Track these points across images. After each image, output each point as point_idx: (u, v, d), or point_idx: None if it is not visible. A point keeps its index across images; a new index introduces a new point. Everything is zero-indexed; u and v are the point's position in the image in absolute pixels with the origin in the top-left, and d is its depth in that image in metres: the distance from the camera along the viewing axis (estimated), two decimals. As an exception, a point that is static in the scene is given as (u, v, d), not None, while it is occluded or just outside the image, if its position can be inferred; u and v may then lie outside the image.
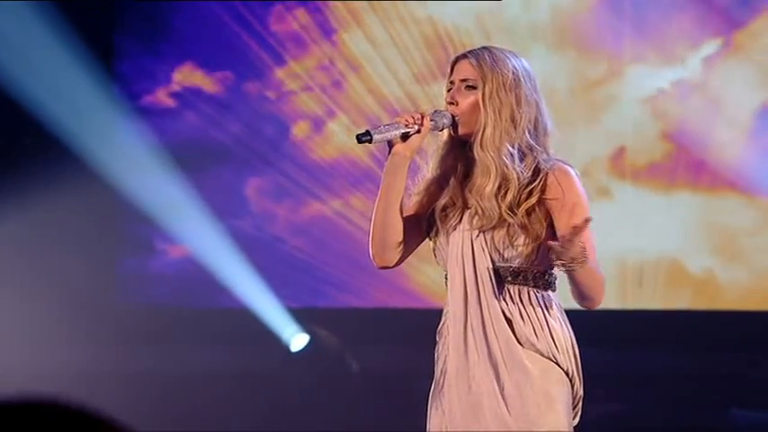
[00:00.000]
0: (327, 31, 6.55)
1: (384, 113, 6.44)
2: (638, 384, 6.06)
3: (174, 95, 6.67)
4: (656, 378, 6.03)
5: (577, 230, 2.87)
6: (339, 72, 6.53)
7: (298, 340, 6.40)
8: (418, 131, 3.06)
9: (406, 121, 3.05)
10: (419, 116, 3.06)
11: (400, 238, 3.15)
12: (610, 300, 3.22)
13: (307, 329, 6.39)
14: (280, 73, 6.59)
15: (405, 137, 3.06)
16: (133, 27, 6.65)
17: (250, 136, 6.58)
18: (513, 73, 3.10)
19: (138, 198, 6.46)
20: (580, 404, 3.12)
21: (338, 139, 6.53)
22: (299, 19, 6.58)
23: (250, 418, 6.18)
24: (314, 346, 6.37)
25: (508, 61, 3.12)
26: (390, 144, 3.08)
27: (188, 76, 6.67)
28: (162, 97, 6.68)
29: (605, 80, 6.22)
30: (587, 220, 2.91)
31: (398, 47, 6.47)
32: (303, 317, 6.40)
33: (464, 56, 3.15)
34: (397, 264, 3.21)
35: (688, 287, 6.09)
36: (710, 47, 6.13)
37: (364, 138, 3.03)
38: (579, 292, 3.01)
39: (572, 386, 3.09)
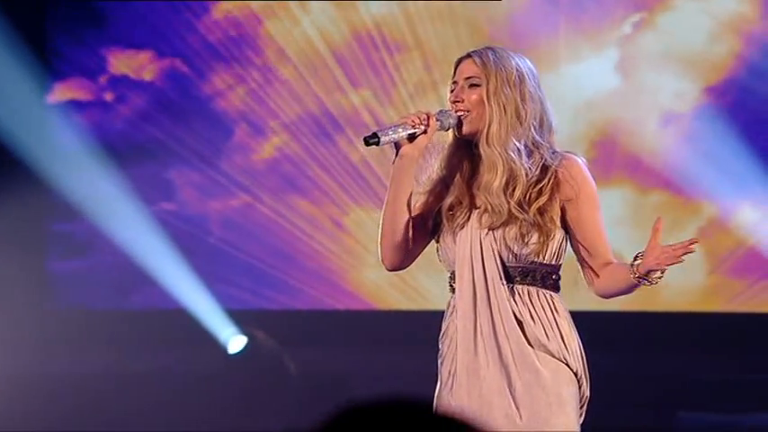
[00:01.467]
0: (255, 25, 6.50)
1: (322, 113, 6.41)
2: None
3: (108, 89, 6.59)
4: (601, 380, 6.05)
5: (684, 251, 2.93)
6: (273, 68, 6.49)
7: (235, 342, 6.36)
8: (424, 132, 3.07)
9: (413, 121, 3.06)
10: (425, 116, 3.07)
11: (409, 238, 3.15)
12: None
13: (244, 331, 6.35)
14: (218, 68, 6.54)
15: (411, 137, 3.07)
16: (66, 19, 6.55)
17: (187, 132, 6.52)
18: (517, 70, 3.13)
19: (70, 195, 6.37)
20: (585, 405, 3.16)
21: (279, 138, 6.50)
22: (233, 13, 6.52)
23: (187, 420, 6.13)
24: (252, 348, 6.33)
25: (511, 59, 3.15)
26: (397, 145, 3.09)
27: (122, 69, 6.59)
28: (95, 91, 6.59)
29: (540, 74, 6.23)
30: (694, 242, 2.95)
31: (327, 42, 6.44)
32: (241, 318, 6.36)
33: (467, 56, 3.16)
34: (406, 265, 3.21)
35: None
36: (634, 27, 6.18)
37: (372, 140, 3.03)
38: (615, 293, 3.12)
39: (579, 387, 3.12)
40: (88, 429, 6.01)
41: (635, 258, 3.01)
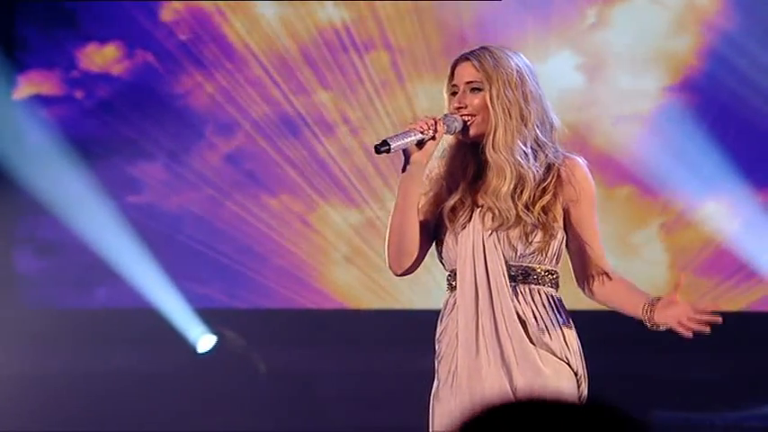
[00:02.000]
0: (222, 22, 6.48)
1: (289, 110, 6.40)
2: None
3: (75, 85, 6.55)
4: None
5: (708, 322, 3.00)
6: (242, 66, 6.47)
7: (205, 341, 6.34)
8: (433, 138, 3.07)
9: (421, 127, 3.05)
10: (432, 122, 3.06)
11: (417, 243, 3.15)
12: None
13: (214, 330, 6.34)
14: (186, 65, 6.51)
15: (420, 143, 3.07)
16: (34, 14, 6.51)
17: (155, 128, 6.49)
18: (517, 71, 3.11)
19: (38, 193, 6.33)
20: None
21: (246, 135, 6.48)
22: (201, 8, 6.50)
23: (156, 419, 6.11)
24: (221, 348, 6.31)
25: (510, 59, 3.13)
26: (405, 152, 3.08)
27: (89, 64, 6.55)
28: (63, 86, 6.55)
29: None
30: (712, 313, 3.02)
31: (295, 40, 6.43)
32: (210, 318, 6.34)
33: (465, 58, 3.14)
34: (414, 269, 3.21)
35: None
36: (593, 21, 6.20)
37: (383, 148, 3.02)
38: (610, 307, 3.22)
39: (579, 387, 3.13)
40: (56, 429, 5.98)
41: (652, 302, 3.06)
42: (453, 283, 3.14)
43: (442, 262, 3.19)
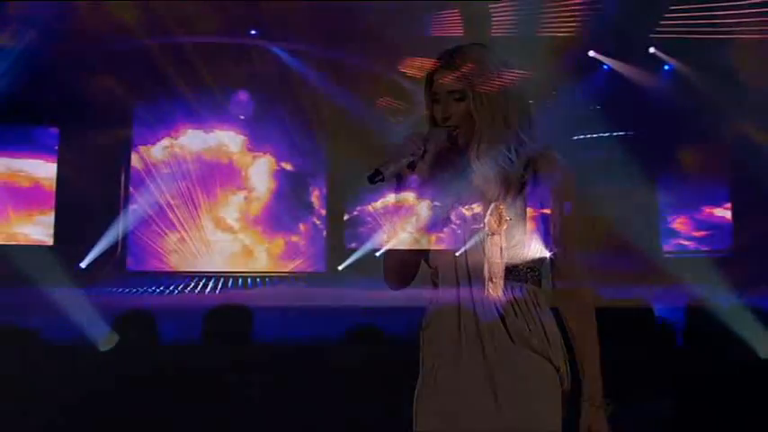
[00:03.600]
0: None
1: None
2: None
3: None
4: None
5: None
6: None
7: (107, 339, 6.32)
8: (422, 157, 3.08)
9: (411, 150, 3.07)
10: (420, 141, 3.07)
11: (414, 260, 3.18)
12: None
13: (117, 328, 6.31)
14: (94, 55, 6.47)
15: (410, 165, 3.08)
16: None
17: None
18: (498, 73, 3.13)
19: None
20: (567, 400, 3.18)
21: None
22: None
23: (56, 420, 6.07)
24: (124, 345, 6.29)
25: (486, 60, 3.13)
26: (399, 176, 3.09)
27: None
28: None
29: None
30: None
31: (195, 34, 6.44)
32: (116, 314, 6.33)
33: (443, 66, 3.13)
34: (411, 281, 3.22)
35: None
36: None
37: (377, 178, 3.01)
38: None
39: (561, 382, 3.14)
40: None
41: (586, 401, 3.13)
42: (436, 281, 3.16)
43: (426, 260, 3.20)
